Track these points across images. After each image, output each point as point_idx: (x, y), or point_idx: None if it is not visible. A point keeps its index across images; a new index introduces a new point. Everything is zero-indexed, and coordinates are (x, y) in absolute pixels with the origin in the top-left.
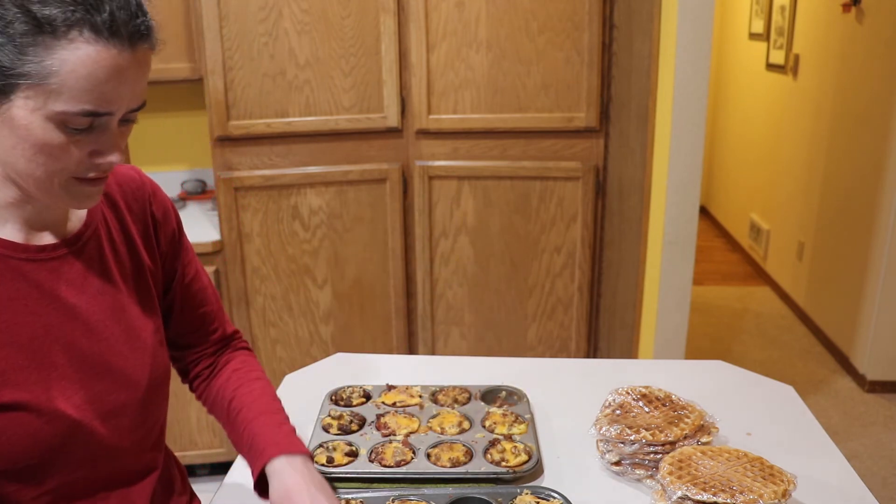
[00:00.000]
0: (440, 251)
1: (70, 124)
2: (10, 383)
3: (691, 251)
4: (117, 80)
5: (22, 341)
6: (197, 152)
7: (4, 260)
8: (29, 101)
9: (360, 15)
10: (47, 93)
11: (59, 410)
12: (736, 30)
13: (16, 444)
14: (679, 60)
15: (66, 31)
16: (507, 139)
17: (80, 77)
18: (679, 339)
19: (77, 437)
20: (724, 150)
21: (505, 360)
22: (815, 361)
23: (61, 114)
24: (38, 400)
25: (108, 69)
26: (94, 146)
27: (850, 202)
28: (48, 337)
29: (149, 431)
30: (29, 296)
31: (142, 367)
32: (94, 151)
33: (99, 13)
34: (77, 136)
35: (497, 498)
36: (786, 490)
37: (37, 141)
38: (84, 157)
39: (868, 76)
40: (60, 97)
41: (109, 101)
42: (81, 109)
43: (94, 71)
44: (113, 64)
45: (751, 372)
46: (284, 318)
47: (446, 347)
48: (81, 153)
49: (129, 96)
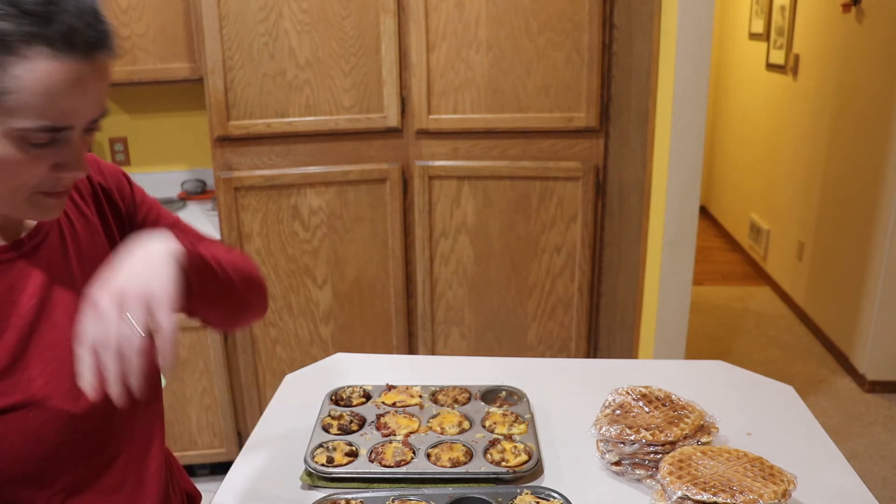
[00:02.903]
0: (440, 251)
1: (30, 140)
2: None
3: (691, 251)
4: (76, 93)
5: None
6: (197, 152)
7: None
8: None
9: (360, 15)
10: (4, 111)
11: (57, 407)
12: (736, 30)
13: (19, 447)
14: (679, 60)
15: (19, 46)
16: (507, 139)
17: (38, 93)
18: (679, 339)
19: (79, 431)
20: (724, 150)
21: (505, 360)
22: (815, 361)
23: (20, 130)
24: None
25: (66, 83)
26: (56, 159)
27: (850, 202)
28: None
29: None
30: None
31: None
32: (56, 165)
33: (51, 25)
34: (37, 150)
35: (497, 498)
36: (786, 490)
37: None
38: (46, 171)
39: (868, 76)
40: (19, 114)
41: (69, 115)
42: (41, 125)
43: (51, 86)
44: (71, 77)
45: (751, 372)
46: (284, 317)
47: (446, 347)
48: (43, 168)
49: (89, 108)
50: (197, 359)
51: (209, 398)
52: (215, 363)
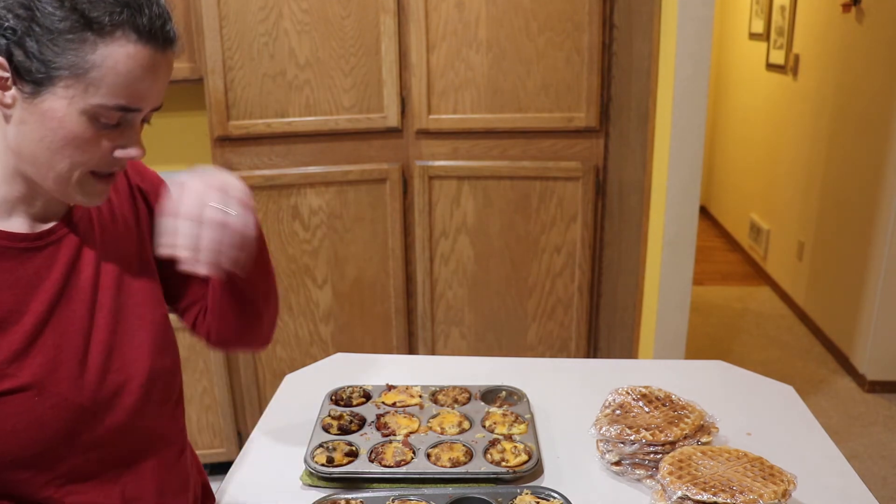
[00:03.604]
0: (440, 251)
1: (102, 118)
2: (13, 370)
3: (691, 251)
4: (150, 79)
5: (26, 327)
6: (197, 152)
7: (3, 251)
8: (68, 93)
9: (360, 15)
10: (86, 86)
11: (65, 393)
12: (736, 30)
13: (22, 430)
14: (679, 60)
15: (111, 30)
16: (507, 139)
17: (120, 73)
18: (679, 339)
19: (83, 420)
20: (724, 150)
21: (505, 360)
22: (815, 361)
23: (97, 107)
24: (43, 384)
25: (143, 68)
26: (119, 141)
27: (850, 202)
28: (53, 320)
29: (157, 409)
30: (29, 282)
31: (146, 342)
32: (117, 146)
33: (141, 16)
34: (105, 130)
35: (497, 498)
36: (786, 490)
37: (68, 133)
38: (107, 152)
39: (868, 76)
40: (98, 91)
41: (141, 98)
42: (116, 104)
43: (132, 68)
44: (148, 63)
45: (751, 372)
46: (284, 317)
47: (446, 347)
48: (107, 147)
49: (156, 96)
50: (197, 359)
51: (209, 398)
52: (215, 363)
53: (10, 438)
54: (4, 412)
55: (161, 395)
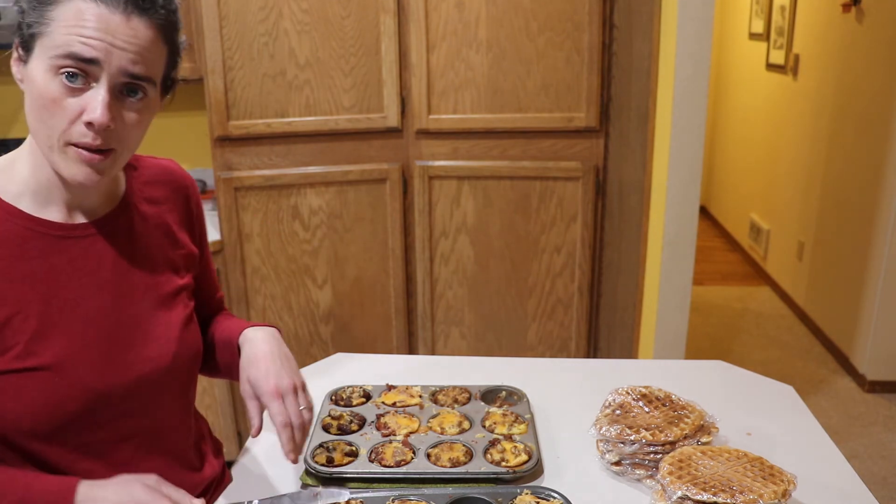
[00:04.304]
0: (440, 251)
1: (62, 71)
2: (38, 349)
3: (691, 251)
4: (103, 32)
5: (53, 312)
6: (197, 152)
7: (44, 237)
8: (40, 54)
9: (360, 15)
10: (46, 42)
11: (81, 378)
12: (736, 30)
13: (41, 406)
14: (679, 60)
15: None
16: (507, 139)
17: (69, 24)
18: (679, 339)
19: (99, 405)
20: (724, 150)
21: (505, 360)
22: (815, 361)
23: (54, 58)
24: (63, 366)
25: (93, 19)
26: (85, 104)
27: (849, 202)
28: (80, 308)
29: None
30: (63, 270)
31: (171, 339)
32: (84, 110)
33: None
34: (71, 93)
35: (497, 498)
36: (786, 490)
37: (42, 94)
38: (75, 115)
39: (868, 76)
40: (54, 43)
41: (92, 49)
42: (68, 52)
43: (81, 21)
44: (99, 16)
45: (751, 372)
46: (284, 317)
47: (446, 347)
48: (73, 111)
49: (117, 54)
50: None
51: (209, 398)
52: None
53: (29, 413)
54: (26, 387)
55: (178, 388)
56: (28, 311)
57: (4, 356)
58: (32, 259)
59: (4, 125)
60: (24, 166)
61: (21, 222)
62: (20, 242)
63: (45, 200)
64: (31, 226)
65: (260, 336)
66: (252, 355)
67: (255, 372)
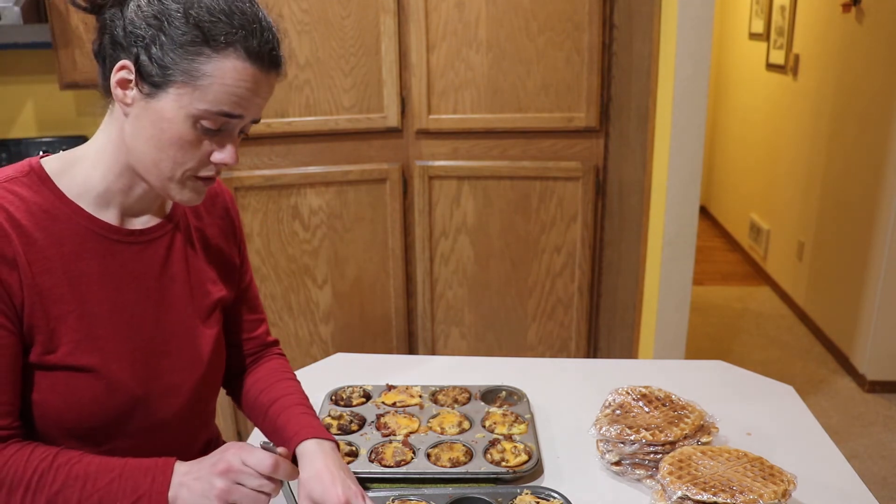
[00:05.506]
0: (440, 251)
1: (205, 122)
2: (86, 349)
3: (691, 251)
4: (252, 93)
5: (102, 314)
6: None
7: (100, 240)
8: (179, 97)
9: (360, 15)
10: (196, 92)
11: (123, 382)
12: (736, 30)
13: (84, 405)
14: (679, 60)
15: (225, 47)
16: (507, 139)
17: (226, 84)
18: (679, 339)
19: (135, 409)
20: (724, 150)
21: (505, 360)
22: (815, 361)
23: (202, 111)
24: (107, 369)
25: (247, 83)
26: (218, 146)
27: (849, 202)
28: (125, 313)
29: (200, 411)
30: (115, 273)
31: (205, 351)
32: (215, 151)
33: (253, 39)
34: (206, 136)
35: (497, 498)
36: (786, 490)
37: (174, 134)
38: (206, 155)
39: (868, 76)
40: (205, 98)
41: (242, 108)
42: (219, 110)
43: (237, 82)
44: (252, 80)
45: (751, 372)
46: (284, 317)
47: (446, 347)
48: (205, 151)
49: (255, 109)
50: None
51: None
52: None
53: (75, 410)
54: (75, 385)
55: (207, 397)
56: (82, 311)
57: (56, 352)
58: (90, 259)
59: (4, 125)
60: (93, 170)
61: (83, 222)
62: (80, 241)
63: (105, 203)
64: (91, 226)
65: (319, 453)
66: (314, 473)
67: (320, 487)
